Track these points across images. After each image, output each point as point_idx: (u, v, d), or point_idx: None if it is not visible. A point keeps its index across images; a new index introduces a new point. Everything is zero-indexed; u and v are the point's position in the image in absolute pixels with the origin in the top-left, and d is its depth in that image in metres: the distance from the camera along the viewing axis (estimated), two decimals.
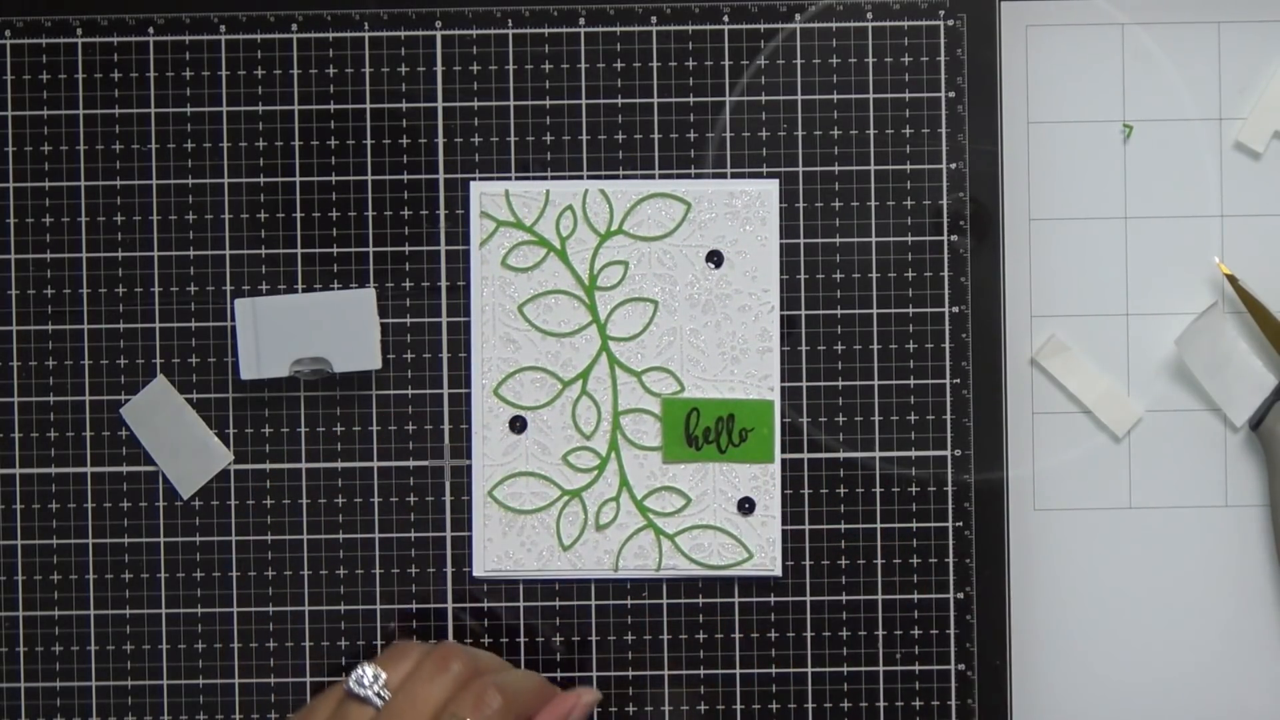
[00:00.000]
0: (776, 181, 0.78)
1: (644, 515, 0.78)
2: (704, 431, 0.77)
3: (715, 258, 0.78)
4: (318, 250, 0.78)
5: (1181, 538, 0.79)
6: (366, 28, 0.78)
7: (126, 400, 0.78)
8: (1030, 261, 0.79)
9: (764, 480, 0.78)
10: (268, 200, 0.78)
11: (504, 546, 0.78)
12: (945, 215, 0.78)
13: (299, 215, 0.78)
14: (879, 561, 0.78)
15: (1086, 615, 0.78)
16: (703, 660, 0.78)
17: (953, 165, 0.78)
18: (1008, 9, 0.78)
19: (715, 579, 0.78)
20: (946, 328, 0.78)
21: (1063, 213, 0.79)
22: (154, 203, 0.78)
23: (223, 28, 0.78)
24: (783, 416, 0.78)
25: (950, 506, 0.78)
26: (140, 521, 0.78)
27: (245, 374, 0.77)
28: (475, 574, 0.78)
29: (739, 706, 0.78)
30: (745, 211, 0.78)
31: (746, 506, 0.78)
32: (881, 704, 0.78)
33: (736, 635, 0.78)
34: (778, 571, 0.78)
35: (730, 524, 0.78)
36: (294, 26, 0.78)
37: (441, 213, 0.78)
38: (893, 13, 0.78)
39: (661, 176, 0.78)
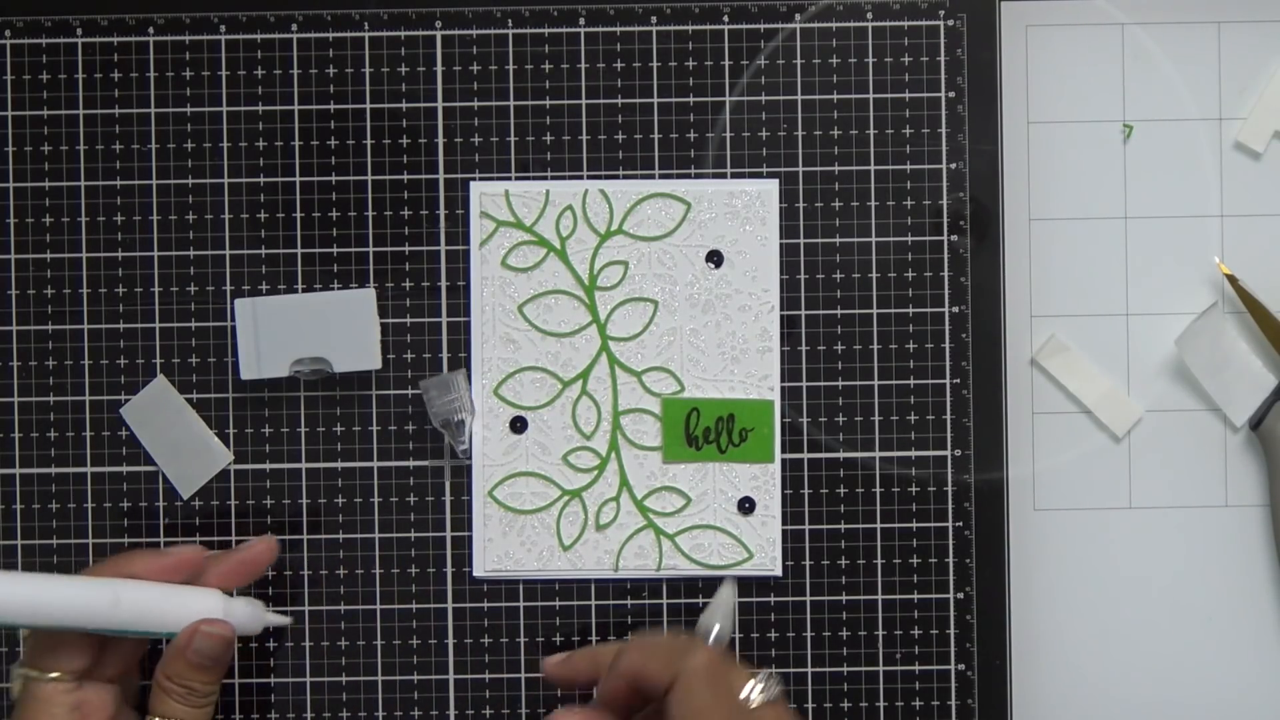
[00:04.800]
0: (776, 181, 0.78)
1: (644, 515, 0.78)
2: (704, 431, 0.77)
3: (715, 258, 0.78)
4: (318, 250, 0.78)
5: (1181, 538, 0.79)
6: (366, 28, 0.78)
7: (126, 400, 0.78)
8: (1030, 261, 0.79)
9: (764, 480, 0.78)
10: (268, 200, 0.78)
11: (504, 546, 0.78)
12: (945, 215, 0.78)
13: (299, 215, 0.78)
14: (879, 561, 0.78)
15: (1086, 615, 0.78)
16: None
17: (953, 165, 0.78)
18: (1008, 9, 0.78)
19: (715, 579, 0.78)
20: (946, 328, 0.78)
21: (1063, 213, 0.79)
22: (154, 203, 0.78)
23: (223, 28, 0.78)
24: (783, 416, 0.78)
25: (950, 506, 0.78)
26: (140, 521, 0.78)
27: (245, 374, 0.77)
28: (475, 574, 0.78)
29: None
30: (745, 211, 0.78)
31: (747, 506, 0.78)
32: (881, 704, 0.78)
33: (736, 635, 0.78)
34: (778, 571, 0.78)
35: (730, 524, 0.78)
36: (294, 26, 0.78)
37: (441, 213, 0.78)
38: (893, 13, 0.78)
39: (661, 176, 0.78)
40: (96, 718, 0.67)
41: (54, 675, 0.66)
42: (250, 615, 0.71)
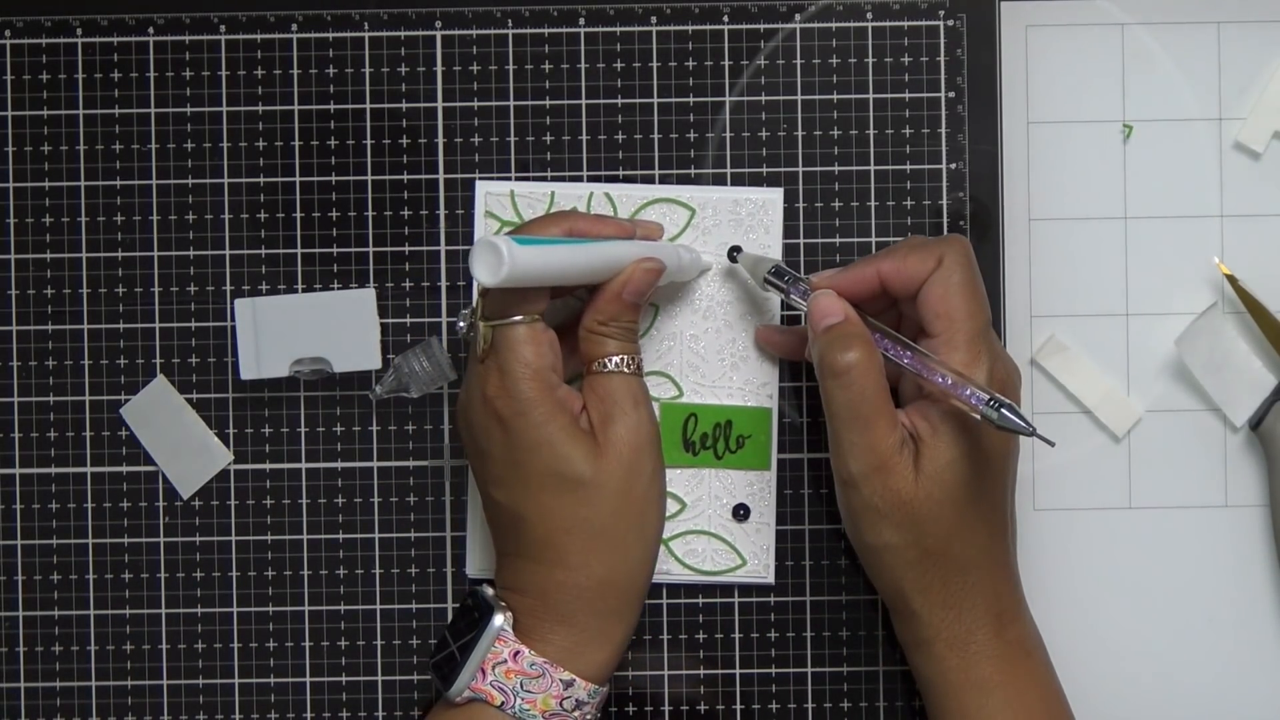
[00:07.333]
0: (780, 190, 0.78)
1: None
2: (701, 437, 0.77)
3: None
4: (318, 250, 0.78)
5: (1181, 538, 0.78)
6: (366, 28, 0.78)
7: (126, 400, 0.78)
8: (1030, 261, 0.78)
9: (760, 487, 0.77)
10: (268, 200, 0.78)
11: None
12: (945, 215, 0.78)
13: (299, 215, 0.78)
14: None
15: (1086, 615, 0.78)
16: (703, 660, 0.78)
17: (953, 165, 0.78)
18: (1008, 9, 0.78)
19: (708, 585, 0.78)
20: None
21: (1063, 213, 0.79)
22: (154, 203, 0.78)
23: (223, 28, 0.78)
24: (782, 416, 0.78)
25: None
26: (140, 521, 0.78)
27: (245, 374, 0.77)
28: (469, 573, 0.78)
29: (739, 706, 0.78)
30: (749, 219, 0.77)
31: (741, 513, 0.77)
32: (881, 704, 0.78)
33: (736, 635, 0.78)
34: (770, 579, 0.78)
35: (725, 530, 0.77)
36: (294, 26, 0.78)
37: (441, 213, 0.78)
38: (893, 13, 0.78)
39: (662, 177, 0.78)
40: (559, 354, 0.70)
41: (520, 318, 0.68)
42: (693, 261, 0.76)
